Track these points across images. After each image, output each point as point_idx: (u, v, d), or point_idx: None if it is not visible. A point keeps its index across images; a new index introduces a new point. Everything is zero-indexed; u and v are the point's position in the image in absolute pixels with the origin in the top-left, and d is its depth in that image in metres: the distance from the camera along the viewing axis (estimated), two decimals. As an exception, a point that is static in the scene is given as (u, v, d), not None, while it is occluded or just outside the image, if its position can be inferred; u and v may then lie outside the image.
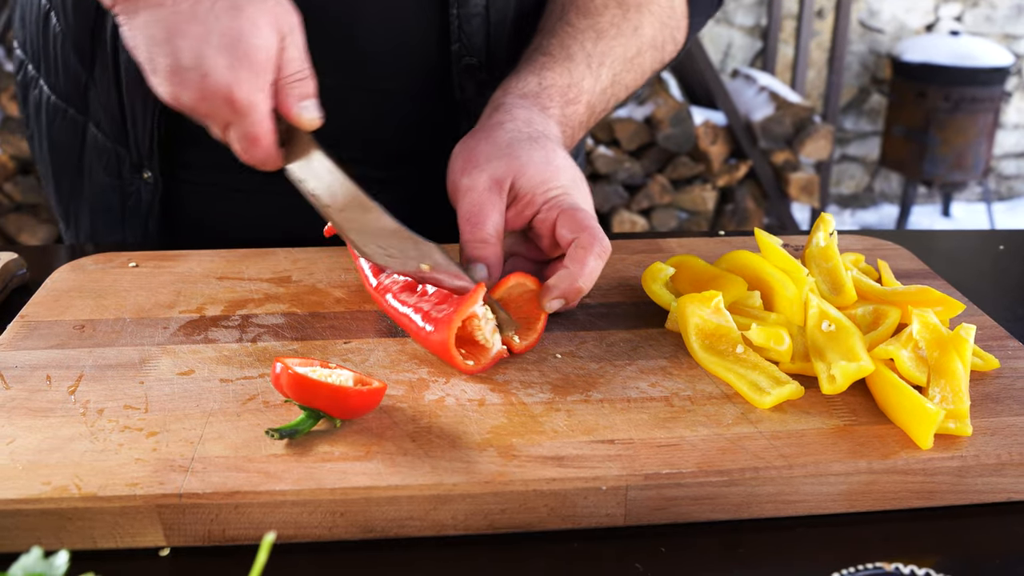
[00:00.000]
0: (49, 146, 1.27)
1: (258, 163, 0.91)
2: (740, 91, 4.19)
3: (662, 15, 1.15)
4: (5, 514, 0.68)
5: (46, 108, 1.25)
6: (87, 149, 1.22)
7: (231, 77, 0.84)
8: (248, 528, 0.70)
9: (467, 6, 1.12)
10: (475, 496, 0.71)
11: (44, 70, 1.23)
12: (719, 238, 1.20)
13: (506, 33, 1.17)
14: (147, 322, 0.95)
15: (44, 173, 1.32)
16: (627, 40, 1.11)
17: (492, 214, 0.93)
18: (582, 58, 1.07)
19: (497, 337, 0.88)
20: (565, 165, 0.96)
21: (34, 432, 0.76)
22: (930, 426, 0.76)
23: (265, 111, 0.87)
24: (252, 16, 0.85)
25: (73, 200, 1.28)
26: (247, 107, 0.85)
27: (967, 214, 5.09)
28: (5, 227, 3.45)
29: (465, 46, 1.13)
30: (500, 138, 0.97)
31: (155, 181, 1.18)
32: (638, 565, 0.70)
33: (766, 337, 0.88)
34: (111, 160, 1.20)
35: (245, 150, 0.89)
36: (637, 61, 1.13)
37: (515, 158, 0.95)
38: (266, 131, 0.87)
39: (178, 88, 0.86)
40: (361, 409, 0.77)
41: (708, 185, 3.96)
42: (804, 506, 0.75)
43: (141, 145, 1.16)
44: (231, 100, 0.84)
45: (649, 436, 0.77)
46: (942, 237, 1.50)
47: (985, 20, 4.93)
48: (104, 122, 1.19)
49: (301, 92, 0.88)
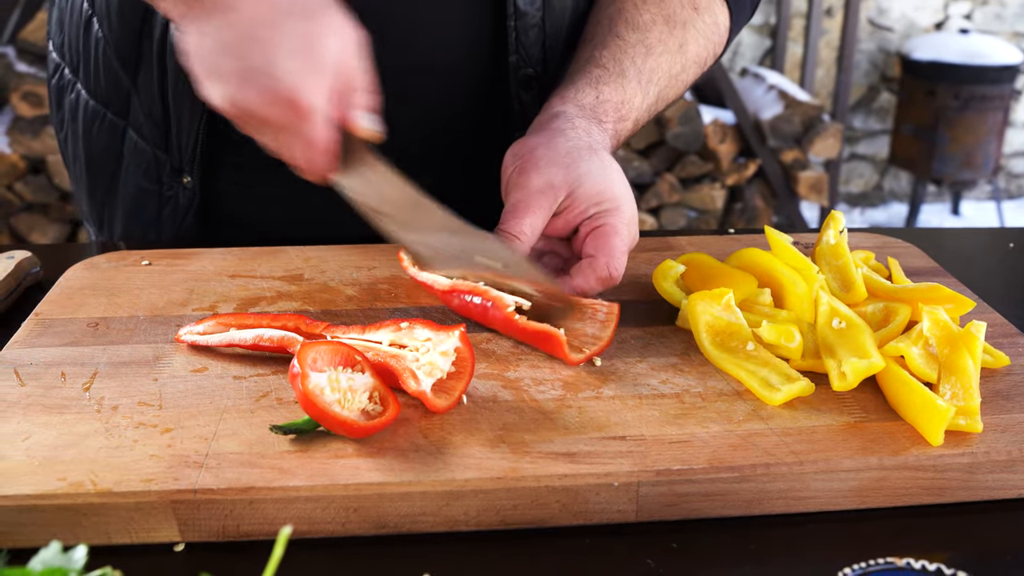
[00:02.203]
0: (85, 149, 1.27)
1: (315, 170, 0.90)
2: (749, 90, 4.19)
3: (707, 31, 1.16)
4: (21, 510, 0.69)
5: (83, 112, 1.25)
6: (125, 153, 1.23)
7: (299, 80, 0.84)
8: (262, 524, 0.71)
9: (524, 18, 1.13)
10: (487, 492, 0.72)
11: (83, 74, 1.24)
12: (729, 236, 1.20)
13: (562, 43, 1.19)
14: (160, 320, 0.96)
15: (77, 176, 1.32)
16: (672, 57, 1.12)
17: (535, 214, 0.95)
18: (633, 74, 1.09)
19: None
20: (619, 180, 0.99)
21: (49, 428, 0.77)
22: (941, 423, 0.76)
23: (327, 115, 0.87)
24: (324, 25, 0.86)
25: (108, 203, 1.28)
26: (310, 110, 0.85)
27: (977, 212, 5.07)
28: (16, 226, 3.46)
29: (523, 57, 1.15)
30: (560, 145, 0.98)
31: (194, 187, 1.19)
32: (649, 561, 0.70)
33: (777, 334, 0.88)
34: (151, 165, 1.21)
35: (304, 155, 0.89)
36: (681, 77, 1.15)
37: (574, 168, 0.97)
38: (326, 136, 0.87)
39: (244, 90, 0.85)
40: (368, 433, 0.76)
41: (717, 184, 3.95)
42: (815, 502, 0.75)
43: (184, 151, 1.17)
44: (295, 102, 0.84)
45: (660, 432, 0.78)
46: (952, 235, 1.50)
47: (995, 18, 4.92)
48: (146, 127, 1.20)
49: (364, 103, 0.89)
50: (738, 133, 3.94)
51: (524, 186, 0.96)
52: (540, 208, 0.95)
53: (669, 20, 1.13)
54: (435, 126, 1.19)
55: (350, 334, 0.88)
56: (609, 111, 1.06)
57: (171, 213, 1.21)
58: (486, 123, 1.21)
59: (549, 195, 0.96)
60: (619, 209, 0.97)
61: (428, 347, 0.83)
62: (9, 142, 3.39)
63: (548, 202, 0.96)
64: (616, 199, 0.97)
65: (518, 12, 1.12)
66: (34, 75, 3.40)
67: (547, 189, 0.96)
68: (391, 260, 1.09)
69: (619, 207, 0.97)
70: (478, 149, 1.22)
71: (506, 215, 0.96)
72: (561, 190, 0.96)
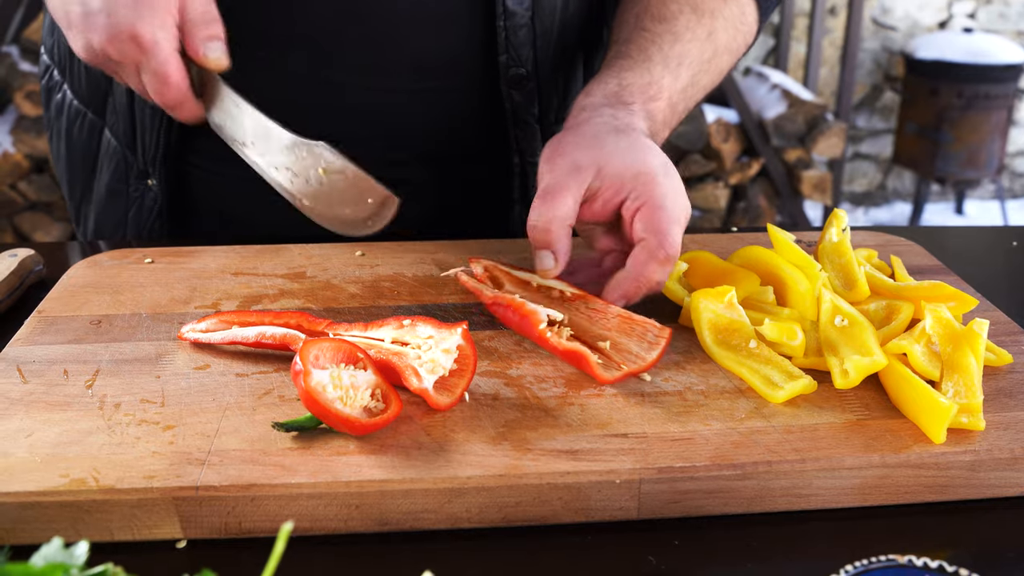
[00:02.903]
0: (66, 148, 1.31)
1: (173, 105, 0.96)
2: (752, 89, 4.18)
3: (735, 21, 1.16)
4: (24, 506, 0.69)
5: (67, 111, 1.29)
6: (101, 152, 1.26)
7: (134, 16, 0.90)
8: (264, 520, 0.71)
9: (514, 18, 1.14)
10: (489, 489, 0.72)
11: (68, 76, 1.28)
12: (732, 234, 1.20)
13: (552, 43, 1.19)
14: (163, 317, 0.96)
15: (60, 173, 1.36)
16: (702, 44, 1.12)
17: (566, 196, 0.93)
18: (660, 59, 1.08)
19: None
20: (653, 152, 0.96)
21: (52, 426, 0.77)
22: (943, 420, 0.76)
23: (169, 49, 0.92)
24: None
25: (84, 200, 1.32)
26: (151, 44, 0.91)
27: (980, 212, 5.07)
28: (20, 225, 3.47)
29: (512, 57, 1.15)
30: (586, 132, 0.98)
31: (158, 189, 1.21)
32: (651, 558, 0.70)
33: (779, 332, 0.88)
34: (120, 165, 1.24)
35: (158, 92, 0.94)
36: (714, 63, 1.14)
37: (600, 147, 0.95)
38: (174, 69, 0.93)
39: (89, 33, 0.92)
40: (370, 430, 0.76)
41: (720, 183, 3.95)
42: (817, 500, 0.75)
43: (147, 152, 1.19)
44: (136, 37, 0.91)
45: (662, 430, 0.78)
46: (955, 233, 1.50)
47: (999, 17, 4.91)
48: (118, 127, 1.22)
49: (207, 34, 0.93)
50: (741, 132, 3.93)
51: (552, 171, 0.95)
52: (569, 189, 0.93)
53: (696, 9, 1.12)
54: (430, 122, 1.20)
55: (352, 331, 0.88)
56: (635, 93, 1.04)
57: (136, 214, 1.24)
58: (480, 120, 1.22)
59: (576, 176, 0.93)
60: (655, 181, 0.93)
61: (430, 344, 0.83)
62: (13, 141, 3.39)
63: (576, 182, 0.93)
64: (650, 172, 0.94)
65: (507, 12, 1.13)
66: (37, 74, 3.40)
67: (574, 170, 0.94)
68: (394, 257, 1.09)
69: (654, 179, 0.93)
70: (475, 145, 1.23)
71: (536, 201, 0.94)
72: (588, 170, 0.94)
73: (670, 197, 0.94)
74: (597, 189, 0.94)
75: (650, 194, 0.93)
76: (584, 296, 0.96)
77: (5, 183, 3.41)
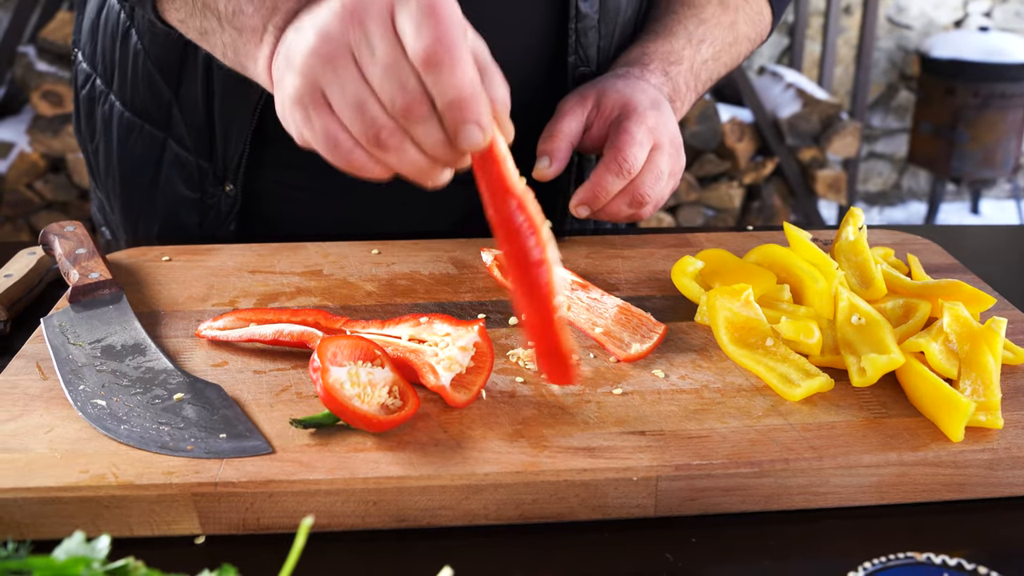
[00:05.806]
0: (120, 161, 1.27)
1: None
2: (767, 88, 4.17)
3: (754, 18, 1.29)
4: (44, 501, 0.70)
5: (119, 123, 1.25)
6: (164, 164, 1.23)
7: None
8: (282, 516, 0.71)
9: (585, 20, 1.18)
10: (507, 486, 0.72)
11: (118, 86, 1.24)
12: (747, 233, 1.20)
13: (614, 43, 1.25)
14: (181, 315, 0.96)
15: (109, 186, 1.31)
16: (725, 30, 1.25)
17: (570, 119, 1.09)
18: (683, 35, 1.21)
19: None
20: (650, 94, 1.10)
21: (72, 422, 0.77)
22: (961, 418, 0.76)
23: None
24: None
25: (144, 212, 1.28)
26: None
27: (996, 211, 5.04)
28: (36, 224, 3.48)
29: (580, 57, 1.20)
30: (598, 79, 1.15)
31: (236, 194, 1.20)
32: (668, 555, 0.70)
33: (796, 330, 0.88)
34: (192, 174, 1.21)
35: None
36: (735, 48, 1.27)
37: (602, 83, 1.12)
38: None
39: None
40: (388, 427, 0.77)
41: (735, 182, 3.94)
42: (834, 498, 0.75)
43: (229, 161, 1.18)
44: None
45: (679, 428, 0.78)
46: (971, 232, 1.49)
47: (1015, 16, 4.89)
48: (188, 138, 1.20)
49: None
50: (756, 131, 3.92)
51: (563, 103, 1.11)
52: (574, 115, 1.10)
53: (723, 2, 1.25)
54: None
55: (369, 329, 0.88)
56: (655, 58, 1.18)
57: (213, 220, 1.22)
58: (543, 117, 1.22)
59: (578, 103, 1.10)
60: (636, 111, 1.06)
61: (447, 342, 0.83)
62: (29, 141, 3.41)
63: (579, 108, 1.10)
64: (635, 102, 1.07)
65: (579, 15, 1.17)
66: (54, 74, 3.41)
67: (577, 100, 1.11)
68: (410, 255, 1.10)
69: (636, 108, 1.07)
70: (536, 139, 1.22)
71: (547, 126, 1.10)
72: (589, 99, 1.10)
73: (649, 131, 1.06)
74: (594, 118, 1.10)
75: (626, 118, 1.06)
76: (584, 285, 1.00)
77: (22, 183, 3.43)
